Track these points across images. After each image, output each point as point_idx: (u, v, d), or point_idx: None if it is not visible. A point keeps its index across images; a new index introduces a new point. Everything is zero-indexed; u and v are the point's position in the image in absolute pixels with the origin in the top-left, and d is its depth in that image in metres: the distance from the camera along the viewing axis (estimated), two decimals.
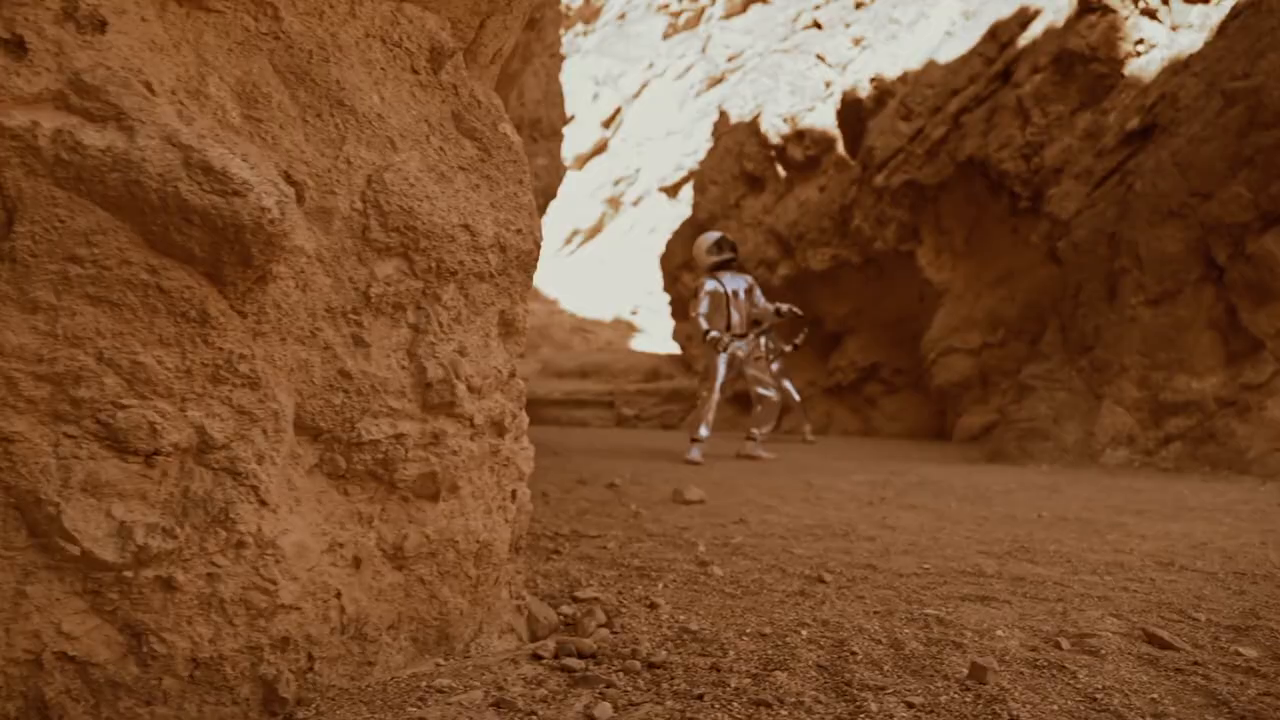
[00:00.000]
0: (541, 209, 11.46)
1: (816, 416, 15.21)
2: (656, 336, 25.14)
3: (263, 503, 1.41)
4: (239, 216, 1.30)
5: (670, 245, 18.10)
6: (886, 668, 1.60)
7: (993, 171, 9.44)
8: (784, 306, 7.85)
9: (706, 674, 1.58)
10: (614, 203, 31.51)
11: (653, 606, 2.10)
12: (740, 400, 16.41)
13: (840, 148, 13.62)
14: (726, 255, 7.67)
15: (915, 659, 1.64)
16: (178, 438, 1.32)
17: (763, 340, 11.22)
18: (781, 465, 7.01)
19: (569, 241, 31.17)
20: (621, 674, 1.60)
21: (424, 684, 1.52)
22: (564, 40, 33.86)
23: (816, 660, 1.64)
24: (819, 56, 14.39)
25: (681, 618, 1.98)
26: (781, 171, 14.95)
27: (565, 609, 2.11)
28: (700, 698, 1.47)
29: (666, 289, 18.17)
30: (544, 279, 29.16)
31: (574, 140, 32.50)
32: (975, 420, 10.57)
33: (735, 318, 7.54)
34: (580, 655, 1.76)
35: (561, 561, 2.60)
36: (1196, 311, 6.39)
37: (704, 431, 7.14)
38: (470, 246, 1.73)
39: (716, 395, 7.31)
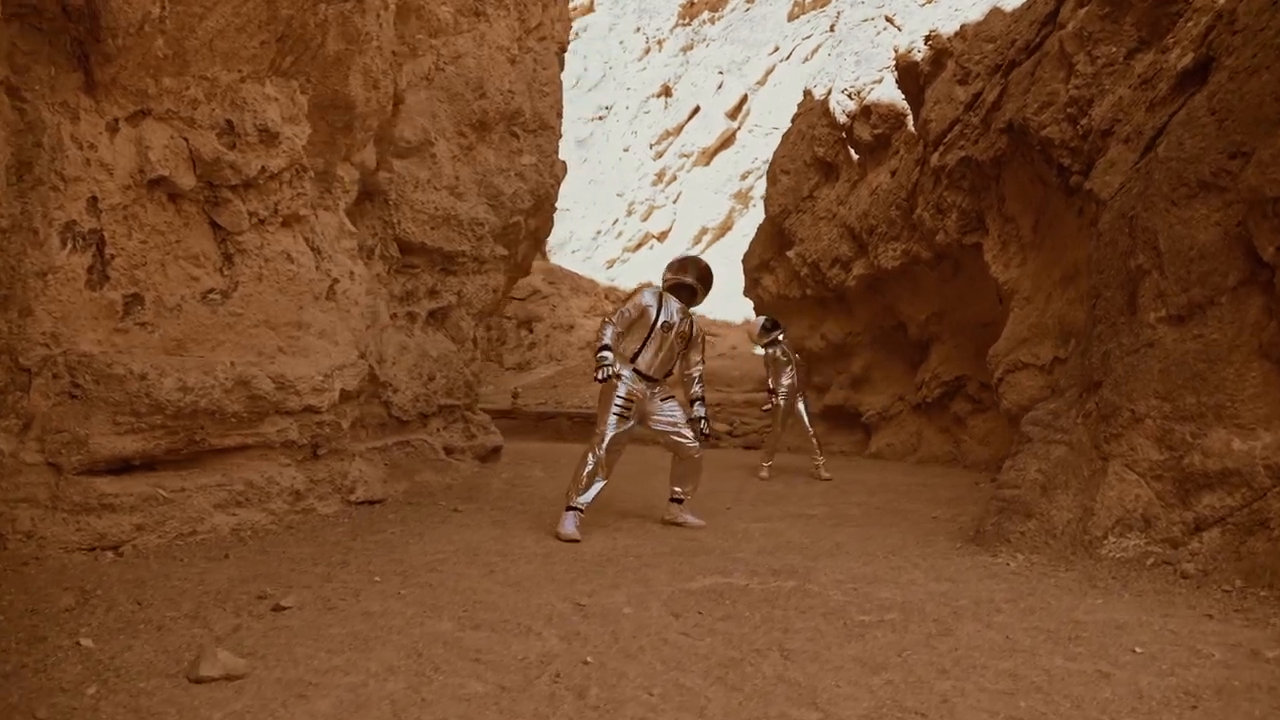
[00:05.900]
0: (532, 212, 10.14)
1: (905, 436, 12.98)
2: None
3: None
4: None
5: (751, 245, 16.32)
6: None
7: (1034, 139, 7.24)
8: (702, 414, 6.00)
9: None
10: (742, 197, 29.79)
11: None
12: (830, 416, 14.34)
13: (911, 123, 11.43)
14: (681, 279, 5.93)
15: None
16: None
17: (788, 366, 9.28)
18: (672, 541, 5.34)
19: (697, 240, 29.73)
20: None
21: None
22: (689, 31, 32.31)
23: None
24: (888, 19, 12.24)
25: None
26: (853, 155, 12.88)
27: None
28: None
29: (746, 293, 16.41)
30: None
31: (700, 134, 31.00)
32: None
33: (648, 355, 5.84)
34: None
35: None
36: (1238, 333, 4.21)
37: (583, 499, 5.54)
38: None
39: (603, 452, 5.65)
